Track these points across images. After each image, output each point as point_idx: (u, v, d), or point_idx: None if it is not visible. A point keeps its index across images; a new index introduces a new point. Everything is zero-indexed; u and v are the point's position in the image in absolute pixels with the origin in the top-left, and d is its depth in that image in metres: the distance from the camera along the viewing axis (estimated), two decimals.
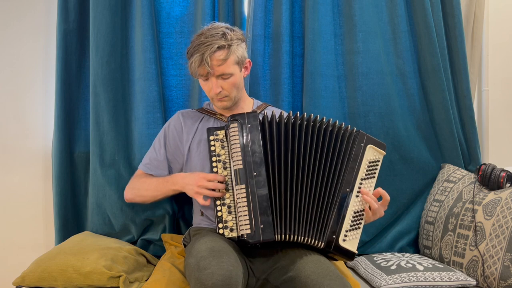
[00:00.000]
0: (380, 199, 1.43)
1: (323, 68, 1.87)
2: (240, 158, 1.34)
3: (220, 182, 1.38)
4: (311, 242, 1.34)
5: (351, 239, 1.36)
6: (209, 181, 1.38)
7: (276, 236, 1.30)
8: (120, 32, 1.84)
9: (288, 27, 1.86)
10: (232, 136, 1.37)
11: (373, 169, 1.43)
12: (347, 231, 1.35)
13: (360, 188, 1.39)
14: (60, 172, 1.83)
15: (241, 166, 1.33)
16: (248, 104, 1.65)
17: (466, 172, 1.83)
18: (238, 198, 1.32)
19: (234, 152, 1.35)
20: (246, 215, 1.30)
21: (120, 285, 1.43)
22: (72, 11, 1.84)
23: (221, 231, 1.33)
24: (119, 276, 1.45)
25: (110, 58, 1.80)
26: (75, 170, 1.88)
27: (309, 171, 1.37)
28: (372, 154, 1.42)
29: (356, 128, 1.44)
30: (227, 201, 1.36)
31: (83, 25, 1.87)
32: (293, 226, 1.33)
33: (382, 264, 1.62)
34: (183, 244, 1.56)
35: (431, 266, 1.58)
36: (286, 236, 1.32)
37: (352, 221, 1.37)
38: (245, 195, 1.31)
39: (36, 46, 1.98)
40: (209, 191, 1.37)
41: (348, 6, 1.89)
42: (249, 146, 1.35)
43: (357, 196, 1.38)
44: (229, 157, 1.39)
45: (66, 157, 1.84)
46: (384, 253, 1.79)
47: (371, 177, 1.42)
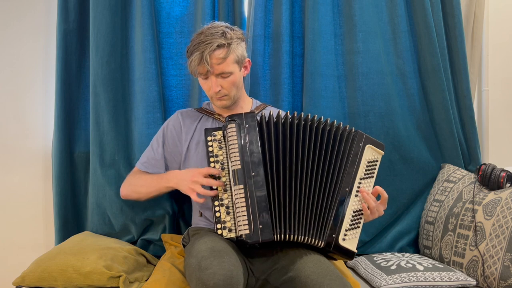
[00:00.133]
0: (379, 198, 1.43)
1: (323, 68, 1.86)
2: (238, 158, 1.34)
3: (214, 178, 1.37)
4: (311, 242, 1.34)
5: (350, 238, 1.36)
6: (204, 176, 1.37)
7: (275, 236, 1.30)
8: (120, 32, 1.84)
9: (288, 27, 1.86)
10: (230, 136, 1.36)
11: (372, 169, 1.43)
12: (346, 230, 1.36)
13: (359, 187, 1.39)
14: (60, 172, 1.83)
15: (239, 167, 1.33)
16: (248, 104, 1.64)
17: (466, 172, 1.83)
18: (236, 199, 1.32)
19: (232, 153, 1.35)
20: (245, 215, 1.29)
21: (120, 285, 1.43)
22: (72, 11, 1.84)
23: (219, 231, 1.33)
24: (119, 276, 1.45)
25: (110, 58, 1.80)
26: (75, 170, 1.88)
27: (308, 171, 1.36)
28: (370, 154, 1.43)
29: (354, 128, 1.44)
30: (225, 201, 1.35)
31: (83, 25, 1.87)
32: (292, 226, 1.32)
33: (382, 264, 1.62)
34: (182, 244, 1.56)
35: (431, 266, 1.58)
36: (285, 236, 1.31)
37: (352, 220, 1.37)
38: (243, 195, 1.31)
39: (36, 46, 1.98)
40: (203, 190, 1.36)
41: (348, 6, 1.89)
42: (247, 147, 1.34)
43: (356, 195, 1.38)
44: (227, 158, 1.39)
45: (66, 157, 1.84)
46: (384, 253, 1.79)
47: (370, 177, 1.42)
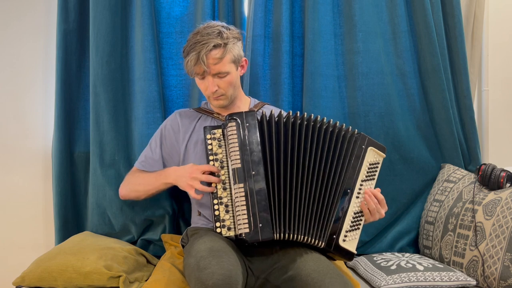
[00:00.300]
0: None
1: (323, 68, 1.86)
2: (238, 157, 1.33)
3: (213, 174, 1.37)
4: (312, 242, 1.34)
5: (350, 240, 1.36)
6: (203, 172, 1.37)
7: (275, 235, 1.29)
8: (120, 32, 1.84)
9: (288, 27, 1.86)
10: (230, 135, 1.36)
11: (373, 171, 1.43)
12: (347, 231, 1.36)
13: (360, 189, 1.39)
14: (60, 172, 1.83)
15: (239, 165, 1.33)
16: (245, 102, 1.64)
17: (466, 172, 1.83)
18: (236, 197, 1.31)
19: (232, 151, 1.35)
20: (245, 214, 1.29)
21: (120, 285, 1.43)
22: (72, 11, 1.84)
23: (218, 230, 1.33)
24: (119, 276, 1.45)
25: (110, 58, 1.80)
26: (75, 170, 1.88)
27: (309, 170, 1.36)
28: (372, 156, 1.43)
29: (357, 130, 1.44)
30: (224, 200, 1.35)
31: (83, 25, 1.87)
32: (292, 225, 1.32)
33: (382, 264, 1.62)
34: (181, 244, 1.56)
35: (431, 266, 1.58)
36: (285, 235, 1.31)
37: (352, 222, 1.37)
38: (243, 194, 1.30)
39: (36, 46, 1.98)
40: (201, 186, 1.36)
41: (348, 6, 1.89)
42: (247, 145, 1.34)
43: (357, 197, 1.38)
44: (226, 156, 1.38)
45: (66, 157, 1.84)
46: (384, 253, 1.79)
47: (371, 179, 1.42)
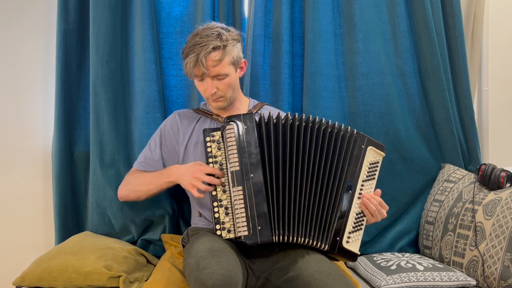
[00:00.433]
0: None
1: (323, 68, 1.86)
2: (236, 159, 1.33)
3: (218, 177, 1.36)
4: (315, 244, 1.33)
5: (354, 241, 1.36)
6: (207, 174, 1.37)
7: (273, 237, 1.29)
8: (120, 32, 1.84)
9: (288, 27, 1.86)
10: (228, 137, 1.36)
11: (374, 171, 1.43)
12: (350, 232, 1.35)
13: (361, 189, 1.39)
14: (60, 172, 1.83)
15: (237, 168, 1.33)
16: (244, 104, 1.64)
17: (466, 172, 1.83)
18: (235, 200, 1.31)
19: (231, 154, 1.34)
20: (243, 216, 1.29)
21: (120, 285, 1.43)
22: (72, 11, 1.84)
23: (218, 232, 1.32)
24: (119, 276, 1.45)
25: (110, 58, 1.80)
26: (75, 170, 1.88)
27: (309, 172, 1.36)
28: (372, 155, 1.43)
29: (356, 130, 1.43)
30: (224, 202, 1.34)
31: (83, 25, 1.87)
32: (292, 228, 1.32)
33: (382, 264, 1.62)
34: (182, 244, 1.56)
35: (431, 266, 1.58)
36: (285, 238, 1.31)
37: (355, 223, 1.37)
38: (242, 196, 1.30)
39: (36, 46, 1.98)
40: (204, 185, 1.35)
41: (348, 6, 1.89)
42: (246, 148, 1.34)
43: (359, 197, 1.38)
44: (225, 159, 1.38)
45: (66, 157, 1.84)
46: (384, 253, 1.79)
47: (371, 179, 1.42)
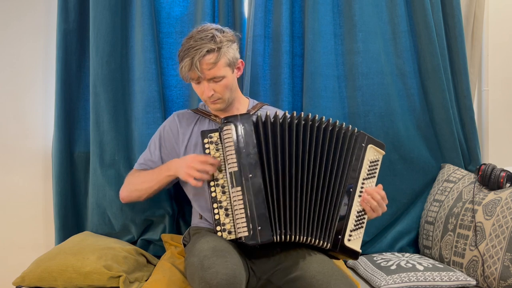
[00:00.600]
0: None
1: (323, 68, 1.86)
2: (234, 160, 1.33)
3: (212, 165, 1.36)
4: (317, 243, 1.33)
5: (355, 239, 1.36)
6: (201, 162, 1.36)
7: (274, 237, 1.29)
8: (120, 32, 1.84)
9: (288, 27, 1.86)
10: (226, 138, 1.36)
11: (374, 169, 1.43)
12: (351, 230, 1.35)
13: (362, 188, 1.39)
14: (60, 172, 1.83)
15: (236, 169, 1.32)
16: (244, 104, 1.63)
17: (466, 172, 1.83)
18: (234, 201, 1.31)
19: (229, 155, 1.34)
20: (243, 217, 1.29)
21: (120, 285, 1.43)
22: (72, 11, 1.84)
23: (219, 233, 1.32)
24: (119, 276, 1.45)
25: (110, 58, 1.80)
26: (75, 170, 1.88)
27: (309, 171, 1.35)
28: (372, 154, 1.43)
29: (356, 128, 1.43)
30: (224, 203, 1.34)
31: (83, 25, 1.87)
32: (294, 227, 1.31)
33: (382, 264, 1.62)
34: (183, 243, 1.56)
35: (431, 266, 1.58)
36: (286, 237, 1.30)
37: (356, 221, 1.37)
38: (241, 197, 1.30)
39: (36, 46, 1.98)
40: (199, 173, 1.35)
41: (348, 6, 1.89)
42: (243, 148, 1.33)
43: (360, 196, 1.38)
44: (224, 160, 1.38)
45: (66, 157, 1.84)
46: (384, 253, 1.79)
47: (372, 177, 1.42)
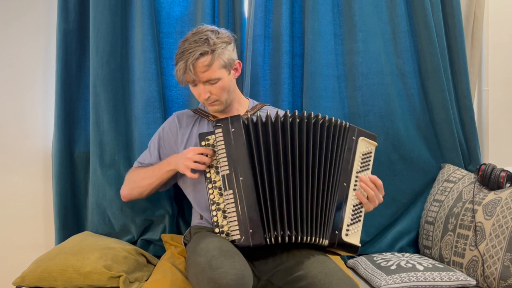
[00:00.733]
0: None
1: (323, 68, 1.86)
2: (226, 163, 1.33)
3: (207, 156, 1.37)
4: (314, 241, 1.32)
5: (353, 233, 1.36)
6: (198, 153, 1.37)
7: (267, 240, 1.29)
8: (120, 32, 1.84)
9: (288, 27, 1.86)
10: (218, 141, 1.36)
11: (367, 161, 1.42)
12: (348, 225, 1.35)
13: (356, 181, 1.38)
14: (60, 172, 1.83)
15: (227, 172, 1.33)
16: (243, 104, 1.63)
17: (466, 172, 1.83)
18: (227, 204, 1.31)
19: (221, 158, 1.35)
20: (235, 220, 1.29)
21: (120, 285, 1.43)
22: (72, 11, 1.84)
23: (218, 235, 1.33)
24: (119, 276, 1.45)
25: (110, 58, 1.80)
26: (75, 170, 1.88)
27: (302, 169, 1.35)
28: (364, 146, 1.42)
29: (345, 122, 1.42)
30: (221, 205, 1.34)
31: (83, 25, 1.87)
32: (288, 227, 1.31)
33: (382, 264, 1.62)
34: (184, 243, 1.56)
35: (431, 266, 1.58)
36: (280, 238, 1.30)
37: (353, 215, 1.36)
38: (233, 200, 1.30)
39: (36, 46, 1.98)
40: (195, 163, 1.36)
41: (348, 6, 1.89)
42: (235, 151, 1.33)
43: (355, 189, 1.38)
44: (218, 162, 1.38)
45: (66, 157, 1.84)
46: (384, 253, 1.79)
47: (365, 169, 1.41)
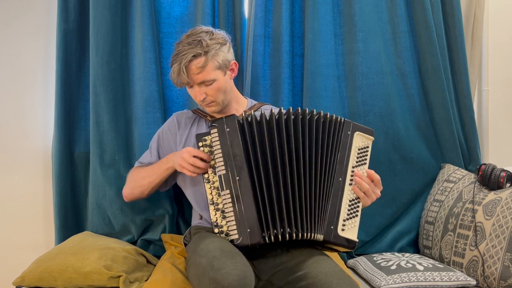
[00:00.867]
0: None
1: (323, 68, 1.86)
2: (222, 163, 1.33)
3: (204, 161, 1.38)
4: (309, 236, 1.32)
5: (350, 228, 1.35)
6: (193, 155, 1.38)
7: (265, 238, 1.29)
8: (120, 32, 1.84)
9: (288, 27, 1.86)
10: (214, 141, 1.36)
11: (364, 156, 1.42)
12: (344, 220, 1.35)
13: (352, 176, 1.38)
14: (60, 172, 1.83)
15: (224, 172, 1.33)
16: (242, 104, 1.63)
17: (466, 172, 1.83)
18: (224, 204, 1.32)
19: (217, 158, 1.35)
20: (233, 220, 1.29)
21: (120, 285, 1.43)
22: (72, 11, 1.84)
23: (217, 235, 1.33)
24: (119, 276, 1.45)
25: (110, 58, 1.80)
26: (75, 170, 1.88)
27: (299, 166, 1.35)
28: (360, 141, 1.42)
29: (340, 117, 1.41)
30: (220, 206, 1.34)
31: (83, 25, 1.87)
32: (286, 224, 1.31)
33: (382, 264, 1.62)
34: (184, 243, 1.56)
35: (431, 266, 1.58)
36: (278, 237, 1.30)
37: (349, 210, 1.36)
38: (230, 200, 1.30)
39: (36, 46, 1.98)
40: (192, 167, 1.37)
41: (348, 6, 1.89)
42: (230, 150, 1.33)
43: (351, 184, 1.38)
44: (215, 162, 1.38)
45: (66, 157, 1.84)
46: (384, 253, 1.79)
47: (362, 164, 1.41)
